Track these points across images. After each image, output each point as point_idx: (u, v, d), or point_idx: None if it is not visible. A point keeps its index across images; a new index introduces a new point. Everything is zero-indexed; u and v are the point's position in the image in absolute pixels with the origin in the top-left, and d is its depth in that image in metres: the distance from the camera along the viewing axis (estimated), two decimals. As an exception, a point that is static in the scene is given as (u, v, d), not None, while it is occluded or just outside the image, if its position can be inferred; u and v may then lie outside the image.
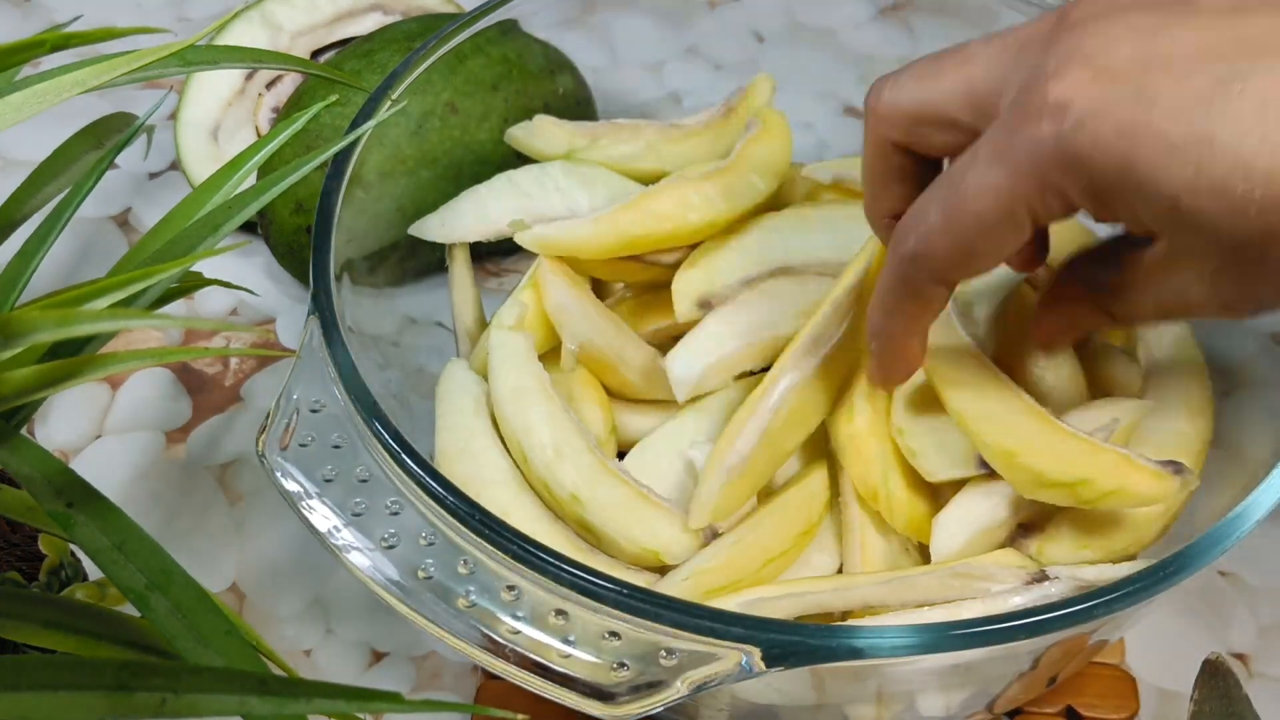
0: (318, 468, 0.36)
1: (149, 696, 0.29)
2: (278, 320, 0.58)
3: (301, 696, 0.29)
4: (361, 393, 0.37)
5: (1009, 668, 0.39)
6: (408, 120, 0.52)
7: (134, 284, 0.32)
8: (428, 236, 0.49)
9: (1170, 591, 0.34)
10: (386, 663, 0.47)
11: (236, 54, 0.42)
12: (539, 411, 0.43)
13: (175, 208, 0.41)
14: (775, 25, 0.62)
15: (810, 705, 0.39)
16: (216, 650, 0.32)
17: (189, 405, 0.55)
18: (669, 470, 0.46)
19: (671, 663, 0.32)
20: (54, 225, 0.42)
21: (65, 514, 0.33)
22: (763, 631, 0.32)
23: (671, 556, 0.43)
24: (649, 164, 0.51)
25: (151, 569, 0.33)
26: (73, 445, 0.54)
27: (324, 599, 0.49)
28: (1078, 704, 0.45)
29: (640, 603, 0.33)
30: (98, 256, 0.61)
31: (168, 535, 0.50)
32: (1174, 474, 0.38)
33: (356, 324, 0.43)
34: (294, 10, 0.63)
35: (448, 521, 0.35)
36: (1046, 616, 0.33)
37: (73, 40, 0.34)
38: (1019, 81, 0.31)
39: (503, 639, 0.33)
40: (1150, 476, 0.38)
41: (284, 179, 0.39)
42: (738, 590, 0.40)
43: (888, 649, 0.32)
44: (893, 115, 0.35)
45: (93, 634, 0.35)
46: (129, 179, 0.64)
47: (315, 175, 0.53)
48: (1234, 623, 0.49)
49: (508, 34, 0.54)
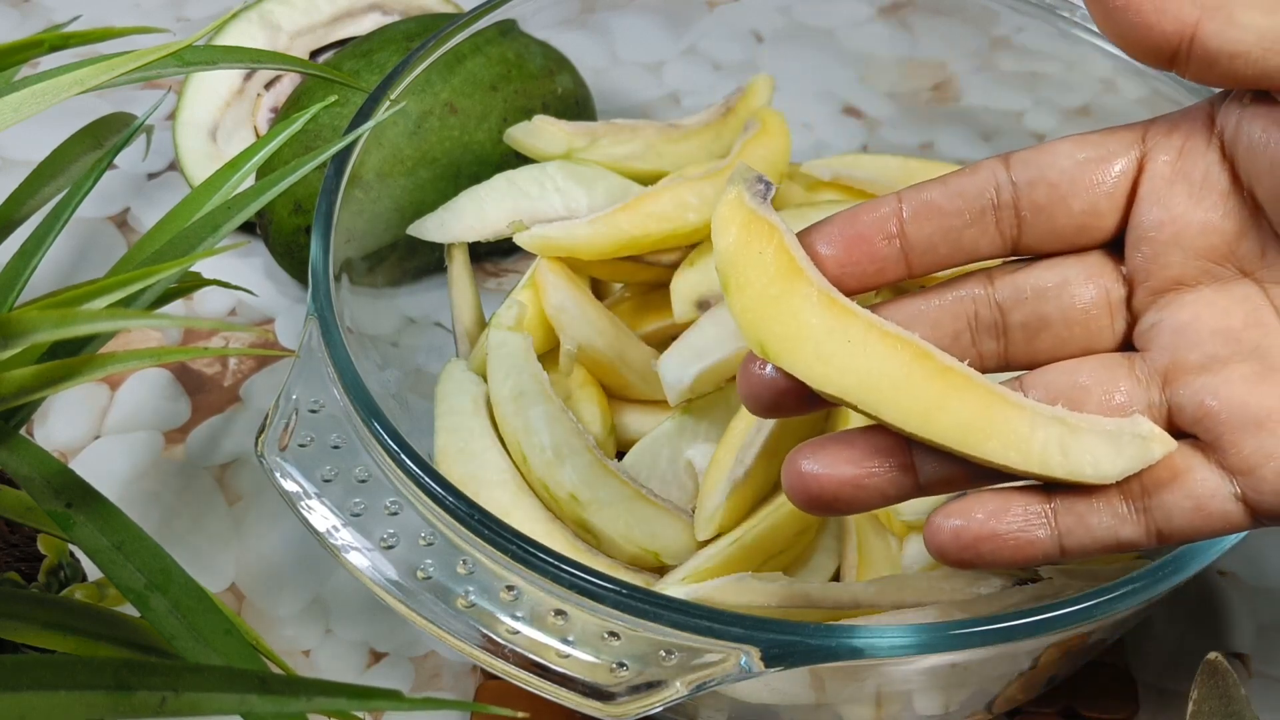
0: (317, 468, 0.36)
1: (149, 696, 0.28)
2: (277, 320, 0.58)
3: (302, 695, 0.29)
4: (360, 393, 0.37)
5: (1008, 667, 0.39)
6: (406, 120, 0.52)
7: (133, 284, 0.32)
8: (426, 237, 0.49)
9: (1169, 591, 0.34)
10: (386, 663, 0.47)
11: (235, 54, 0.42)
12: (538, 412, 0.43)
13: (174, 208, 0.41)
14: (775, 25, 0.62)
15: (809, 705, 0.39)
16: (216, 650, 0.32)
17: (188, 405, 0.55)
18: (668, 470, 0.46)
19: (671, 663, 0.32)
20: (53, 225, 0.42)
21: (64, 514, 0.33)
22: (762, 631, 0.32)
23: (670, 556, 0.43)
24: (648, 164, 0.51)
25: (151, 569, 0.33)
26: (72, 445, 0.54)
27: (323, 599, 0.49)
28: (1077, 704, 0.45)
29: (639, 603, 0.33)
30: (96, 257, 0.60)
31: (167, 535, 0.50)
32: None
33: (355, 324, 0.43)
34: (292, 10, 0.63)
35: (447, 522, 0.35)
36: (1046, 616, 0.33)
37: (71, 40, 0.34)
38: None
39: (502, 639, 0.33)
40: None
41: (283, 179, 0.39)
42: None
43: (887, 649, 0.32)
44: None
45: (92, 634, 0.35)
46: (128, 179, 0.64)
47: (314, 176, 0.53)
48: (1233, 623, 0.49)
49: (507, 34, 0.54)
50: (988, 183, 0.32)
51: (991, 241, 0.33)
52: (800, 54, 0.62)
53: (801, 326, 0.31)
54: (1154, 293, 0.32)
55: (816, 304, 0.31)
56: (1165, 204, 0.31)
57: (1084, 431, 0.30)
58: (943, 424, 0.30)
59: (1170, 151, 0.32)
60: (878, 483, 0.32)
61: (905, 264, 0.33)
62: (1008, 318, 0.33)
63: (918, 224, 0.32)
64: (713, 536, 0.43)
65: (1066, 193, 0.32)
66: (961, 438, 0.30)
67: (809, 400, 0.32)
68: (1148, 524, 0.31)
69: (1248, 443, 0.30)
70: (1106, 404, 0.31)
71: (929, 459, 0.31)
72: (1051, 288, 0.33)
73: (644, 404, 0.48)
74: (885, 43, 0.62)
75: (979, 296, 0.33)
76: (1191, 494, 0.30)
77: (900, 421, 0.30)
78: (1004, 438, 0.30)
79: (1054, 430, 0.30)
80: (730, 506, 0.42)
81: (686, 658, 0.32)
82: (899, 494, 0.32)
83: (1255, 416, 0.30)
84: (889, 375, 0.30)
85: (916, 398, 0.30)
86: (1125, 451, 0.30)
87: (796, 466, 0.32)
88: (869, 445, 0.32)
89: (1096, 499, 0.31)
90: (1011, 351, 0.33)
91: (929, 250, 0.33)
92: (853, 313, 0.31)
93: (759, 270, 0.31)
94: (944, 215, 0.32)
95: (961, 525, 0.31)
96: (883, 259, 0.33)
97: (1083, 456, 0.30)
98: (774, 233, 0.32)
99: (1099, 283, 0.33)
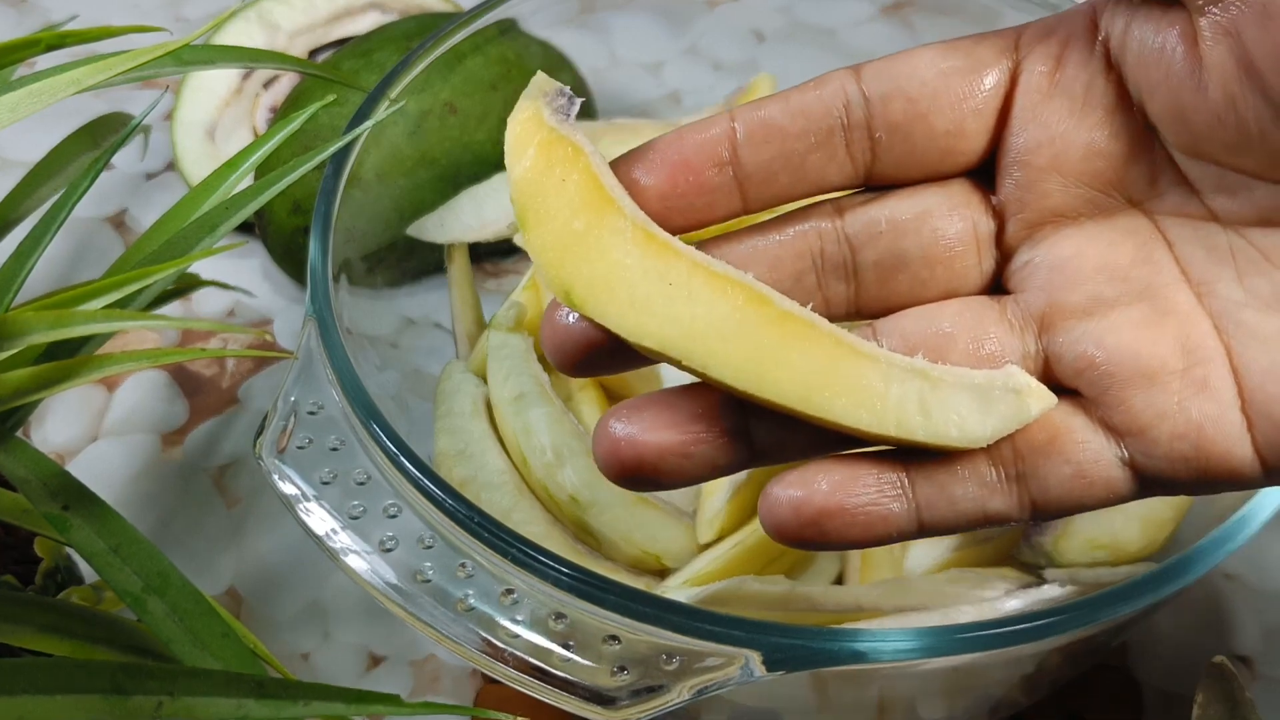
0: (315, 470, 0.36)
1: (145, 700, 0.28)
2: (275, 321, 0.58)
3: (299, 699, 0.28)
4: (359, 394, 0.37)
5: (1011, 671, 0.39)
6: (406, 120, 0.52)
7: (130, 285, 0.32)
8: (426, 237, 0.49)
9: (1174, 594, 0.34)
10: (385, 666, 0.47)
11: (233, 53, 0.42)
12: (538, 413, 0.43)
13: (172, 208, 0.41)
14: (775, 25, 0.62)
15: (811, 709, 0.39)
16: (213, 653, 0.32)
17: (186, 407, 0.55)
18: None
19: (672, 667, 0.32)
20: (49, 226, 0.42)
21: (61, 517, 0.33)
22: (764, 635, 0.32)
23: (672, 559, 0.43)
24: (648, 164, 0.51)
25: (148, 572, 0.33)
26: (69, 448, 0.54)
27: (322, 602, 0.49)
28: (1080, 708, 0.45)
29: (640, 606, 0.33)
30: (94, 258, 0.60)
31: (164, 538, 0.50)
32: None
33: (354, 325, 0.43)
34: (291, 9, 0.63)
35: (446, 524, 0.35)
36: (1050, 620, 0.33)
37: (68, 39, 0.34)
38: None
39: (502, 643, 0.33)
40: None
41: (281, 179, 0.38)
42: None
43: (890, 653, 0.32)
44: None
45: (89, 637, 0.34)
46: (125, 179, 0.64)
47: (313, 175, 0.53)
48: (1238, 626, 0.48)
49: (506, 33, 0.54)
50: (836, 98, 0.28)
51: (841, 168, 0.28)
52: (801, 53, 0.62)
53: (612, 267, 0.26)
54: (1029, 226, 0.28)
55: (630, 240, 0.26)
56: (1042, 122, 0.27)
57: (948, 386, 0.26)
58: (780, 381, 0.26)
59: (1047, 61, 0.27)
60: (704, 450, 0.27)
61: (740, 196, 0.28)
62: (859, 256, 0.28)
63: (754, 148, 0.28)
64: (714, 539, 0.42)
65: (927, 109, 0.28)
66: (803, 396, 0.26)
67: (623, 355, 0.27)
68: (1020, 494, 0.26)
69: (1137, 398, 0.26)
70: (974, 354, 0.27)
71: (765, 422, 0.27)
72: (909, 220, 0.28)
73: (644, 405, 0.48)
74: (887, 42, 0.61)
75: (825, 231, 0.28)
76: (1071, 459, 0.26)
77: (730, 378, 0.26)
78: (853, 395, 0.26)
79: (912, 385, 0.26)
80: (732, 509, 0.42)
81: (688, 662, 0.32)
82: (731, 464, 0.27)
83: (1146, 368, 0.26)
84: (716, 324, 0.26)
85: (749, 350, 0.26)
86: (996, 410, 0.26)
87: (606, 430, 0.27)
88: (694, 406, 0.27)
89: (961, 465, 0.26)
90: (863, 295, 0.29)
91: (768, 180, 0.28)
92: (674, 250, 0.26)
93: (561, 200, 0.27)
94: (785, 137, 0.28)
95: (802, 498, 0.26)
96: (713, 190, 0.28)
97: (946, 416, 0.26)
98: (579, 155, 0.27)
99: (964, 214, 0.28)
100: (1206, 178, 0.26)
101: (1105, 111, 0.27)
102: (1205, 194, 0.27)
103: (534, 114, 0.28)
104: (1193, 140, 0.26)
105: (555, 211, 0.27)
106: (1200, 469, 0.26)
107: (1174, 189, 0.27)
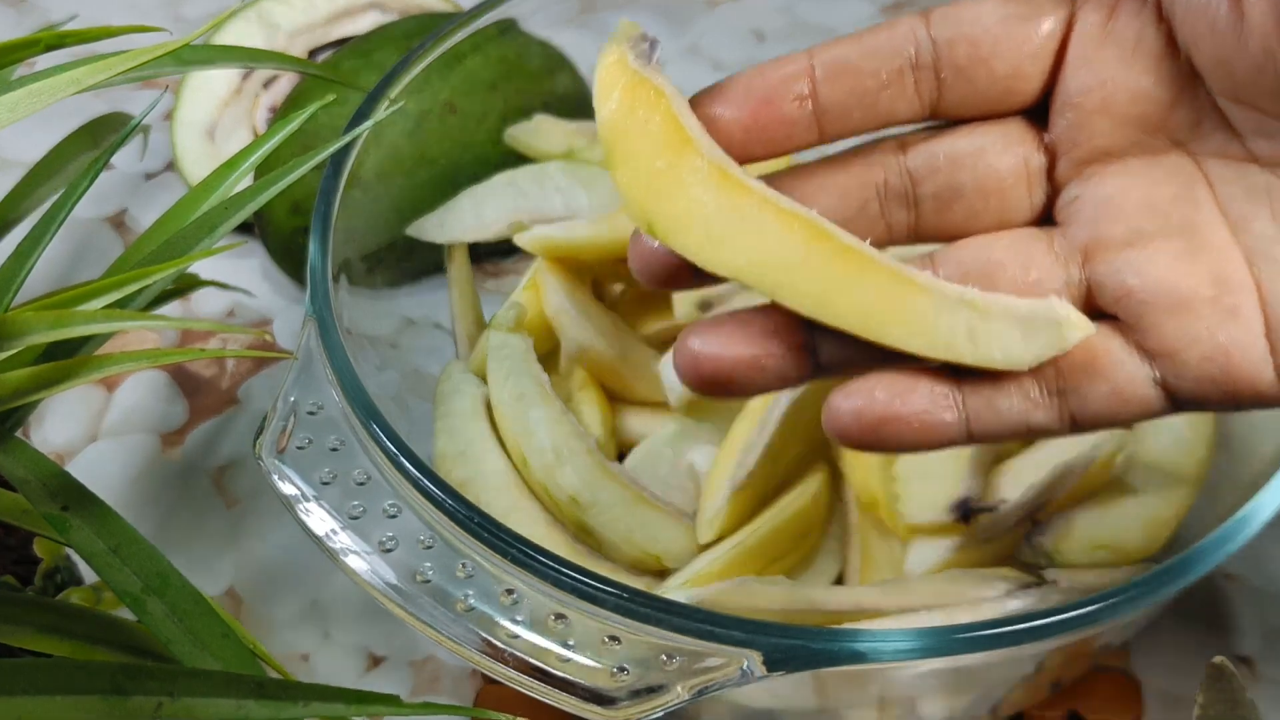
0: (315, 470, 0.36)
1: (145, 700, 0.28)
2: (274, 322, 0.58)
3: (299, 699, 0.28)
4: (359, 395, 0.37)
5: (1012, 672, 0.39)
6: (405, 120, 0.52)
7: (129, 285, 0.32)
8: (426, 237, 0.49)
9: (1175, 595, 0.34)
10: (384, 667, 0.47)
11: (233, 53, 0.42)
12: (538, 414, 0.43)
13: (171, 208, 0.41)
14: (775, 25, 0.62)
15: (812, 710, 0.39)
16: (213, 654, 0.32)
17: (185, 407, 0.55)
18: (669, 473, 0.45)
19: (672, 667, 0.32)
20: (49, 226, 0.42)
21: (60, 517, 0.33)
22: (764, 635, 0.32)
23: (672, 560, 0.42)
24: (649, 164, 0.51)
25: (147, 572, 0.33)
26: (68, 448, 0.54)
27: (321, 603, 0.49)
28: (1081, 708, 0.45)
29: (640, 606, 0.33)
30: (93, 258, 0.60)
31: (164, 538, 0.50)
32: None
33: (354, 325, 0.43)
34: (291, 9, 0.63)
35: (446, 525, 0.35)
36: (1051, 620, 0.32)
37: (68, 39, 0.34)
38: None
39: (502, 643, 0.33)
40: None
41: (281, 179, 0.38)
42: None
43: (890, 653, 0.32)
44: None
45: (88, 638, 0.34)
46: (124, 179, 0.64)
47: (312, 176, 0.53)
48: (1239, 626, 0.48)
49: (506, 33, 0.54)
50: (906, 40, 0.30)
51: (909, 104, 0.31)
52: (801, 54, 0.62)
53: (690, 203, 0.28)
54: (1078, 163, 0.30)
55: (706, 178, 0.28)
56: (1094, 67, 0.29)
57: (994, 316, 0.28)
58: (841, 308, 0.28)
59: (1101, 10, 0.29)
60: (775, 364, 0.29)
61: (817, 128, 0.31)
62: (919, 188, 0.31)
63: (830, 84, 0.30)
64: (715, 540, 0.42)
65: (989, 53, 0.30)
66: (862, 323, 0.28)
67: (701, 275, 0.29)
68: (1061, 409, 0.29)
69: (1170, 325, 0.28)
70: (1021, 280, 0.30)
71: (829, 341, 0.29)
72: (967, 155, 0.31)
73: (645, 406, 0.48)
74: (887, 42, 0.61)
75: (889, 164, 0.31)
76: (1109, 378, 0.29)
77: (796, 304, 0.28)
78: (907, 323, 0.28)
79: (961, 316, 0.28)
80: (732, 509, 0.42)
81: (688, 662, 0.32)
82: (799, 375, 0.30)
83: (1180, 297, 0.28)
84: (784, 256, 0.28)
85: (814, 280, 0.28)
86: (1038, 338, 0.28)
87: (688, 346, 0.30)
88: (766, 324, 0.29)
89: (1008, 382, 0.29)
90: (923, 223, 0.31)
91: (843, 115, 0.30)
92: (747, 188, 0.29)
93: (645, 140, 0.29)
94: (859, 75, 0.30)
95: (863, 405, 0.29)
96: (792, 123, 0.30)
97: (992, 343, 0.28)
98: (661, 98, 0.29)
99: (1017, 151, 0.31)
100: (1248, 122, 0.28)
101: (1154, 59, 0.29)
102: (1246, 137, 0.28)
103: (619, 58, 0.29)
104: (1234, 88, 0.28)
105: (639, 150, 0.29)
106: (1227, 389, 0.28)
107: (1217, 132, 0.29)
